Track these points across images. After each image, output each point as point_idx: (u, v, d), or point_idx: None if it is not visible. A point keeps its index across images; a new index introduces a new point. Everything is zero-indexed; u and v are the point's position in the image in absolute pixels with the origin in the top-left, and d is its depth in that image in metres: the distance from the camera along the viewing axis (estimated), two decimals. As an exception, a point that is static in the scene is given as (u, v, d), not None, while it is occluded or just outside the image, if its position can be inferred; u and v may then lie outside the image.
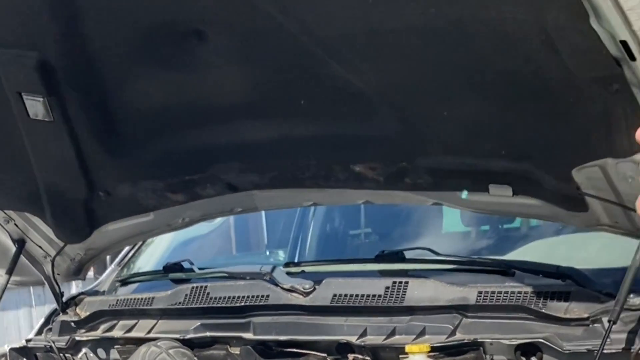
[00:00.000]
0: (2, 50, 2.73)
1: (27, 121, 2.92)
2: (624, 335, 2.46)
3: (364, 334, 2.83)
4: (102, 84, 2.81)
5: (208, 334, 3.12)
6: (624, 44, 2.03)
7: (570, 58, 2.17)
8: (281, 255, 4.73)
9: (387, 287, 2.87)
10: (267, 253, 4.86)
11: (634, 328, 2.48)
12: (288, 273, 3.19)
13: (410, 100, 2.53)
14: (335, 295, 2.95)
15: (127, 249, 3.86)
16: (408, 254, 3.10)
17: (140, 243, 3.85)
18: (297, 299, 3.01)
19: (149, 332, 3.25)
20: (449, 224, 3.75)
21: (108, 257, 3.90)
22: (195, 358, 2.99)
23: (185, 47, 2.60)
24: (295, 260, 3.85)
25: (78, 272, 3.63)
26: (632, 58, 2.05)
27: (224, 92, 2.72)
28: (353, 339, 2.83)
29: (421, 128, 2.60)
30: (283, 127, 2.78)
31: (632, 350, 2.42)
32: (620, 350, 2.45)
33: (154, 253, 3.95)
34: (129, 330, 3.32)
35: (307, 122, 2.73)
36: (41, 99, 2.84)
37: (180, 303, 3.25)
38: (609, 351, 2.41)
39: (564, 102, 2.32)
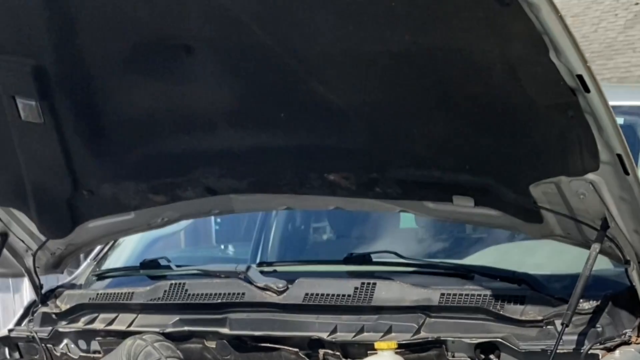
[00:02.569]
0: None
1: (18, 122, 3.06)
2: (575, 337, 2.66)
3: (334, 330, 2.97)
4: (93, 90, 2.97)
5: (186, 328, 3.24)
6: (580, 77, 2.25)
7: (530, 86, 2.38)
8: (230, 250, 4.90)
9: (356, 288, 3.03)
10: (222, 247, 5.03)
11: (583, 330, 2.67)
12: (262, 272, 3.33)
13: (383, 117, 2.71)
14: (307, 294, 3.09)
15: (101, 244, 4.00)
16: (374, 257, 3.26)
17: (114, 239, 3.99)
18: (271, 297, 3.15)
19: (130, 325, 3.36)
20: (405, 226, 3.95)
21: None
22: (178, 352, 3.12)
23: (174, 60, 2.76)
24: (258, 259, 4.04)
25: (57, 265, 3.74)
26: (587, 90, 2.27)
27: (208, 102, 2.89)
28: (324, 336, 2.97)
29: (392, 142, 2.78)
30: (262, 137, 2.94)
31: (582, 351, 2.61)
32: (571, 351, 2.64)
33: (125, 249, 4.10)
34: (110, 323, 3.43)
35: (286, 133, 2.89)
36: (33, 103, 2.99)
37: (159, 298, 3.37)
38: (561, 351, 2.60)
39: (524, 124, 2.52)
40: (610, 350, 2.62)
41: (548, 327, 2.74)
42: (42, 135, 3.09)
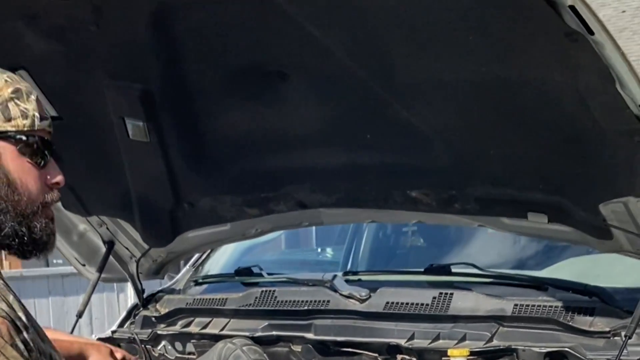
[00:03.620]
0: (112, 81, 3.13)
1: (126, 141, 3.31)
2: (639, 348, 2.78)
3: (411, 337, 3.11)
4: (195, 112, 3.20)
5: (274, 333, 3.42)
6: (643, 107, 2.42)
7: (598, 113, 2.52)
8: (329, 253, 5.08)
9: (434, 297, 3.18)
10: (319, 250, 5.23)
11: None
12: (346, 281, 3.52)
13: (462, 140, 2.88)
14: (388, 302, 3.25)
15: (199, 252, 4.23)
16: (453, 268, 3.42)
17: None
18: (354, 305, 3.32)
19: (222, 329, 3.56)
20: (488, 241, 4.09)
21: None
22: (265, 355, 3.30)
23: (269, 85, 2.97)
24: (349, 266, 4.24)
25: (158, 272, 4.01)
26: (653, 118, 2.44)
27: (300, 123, 3.09)
28: (402, 342, 3.10)
29: (471, 163, 2.94)
30: (350, 156, 3.14)
31: None
32: None
33: (223, 255, 4.34)
34: (205, 327, 3.62)
35: (371, 153, 3.08)
36: (141, 123, 3.24)
37: (250, 305, 3.58)
38: None
39: (593, 148, 2.66)
40: None
41: (615, 338, 2.84)
42: (148, 153, 3.33)
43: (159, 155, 3.35)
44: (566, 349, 2.86)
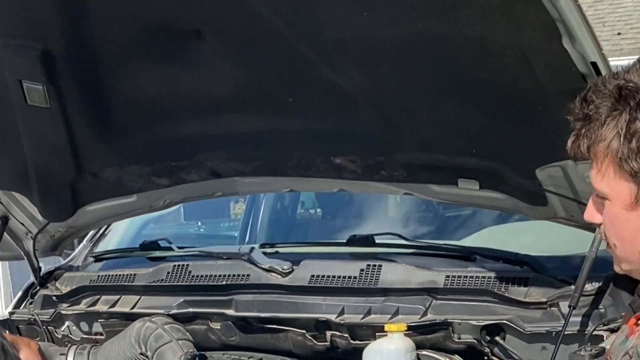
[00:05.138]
0: (8, 39, 2.85)
1: (23, 106, 3.04)
2: (579, 319, 2.70)
3: (341, 312, 3.00)
4: (100, 75, 2.95)
5: (191, 309, 3.26)
6: (594, 64, 2.28)
7: (541, 72, 2.39)
8: (202, 228, 4.85)
9: (362, 270, 3.05)
10: (198, 223, 5.03)
11: (587, 312, 2.72)
12: (264, 253, 3.34)
13: (393, 103, 2.72)
14: (313, 275, 3.11)
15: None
16: (377, 239, 3.30)
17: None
18: (277, 279, 3.16)
19: (133, 307, 3.38)
20: (393, 209, 4.00)
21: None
22: (188, 334, 3.13)
23: (183, 45, 2.75)
24: (247, 240, 4.06)
25: (55, 248, 3.75)
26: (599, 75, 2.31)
27: (216, 86, 2.88)
28: (332, 317, 2.99)
29: (401, 127, 2.80)
30: (270, 121, 2.95)
31: (586, 332, 2.64)
32: (576, 332, 2.68)
33: (119, 230, 4.11)
34: (113, 305, 3.43)
35: (293, 118, 2.91)
36: (40, 87, 2.97)
37: (162, 280, 3.38)
38: (566, 333, 2.63)
39: (533, 109, 2.54)
40: (613, 331, 2.63)
41: (552, 308, 2.77)
42: (48, 119, 3.08)
43: (59, 122, 3.10)
44: (504, 321, 2.79)
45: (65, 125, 3.11)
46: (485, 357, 2.88)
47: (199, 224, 5.55)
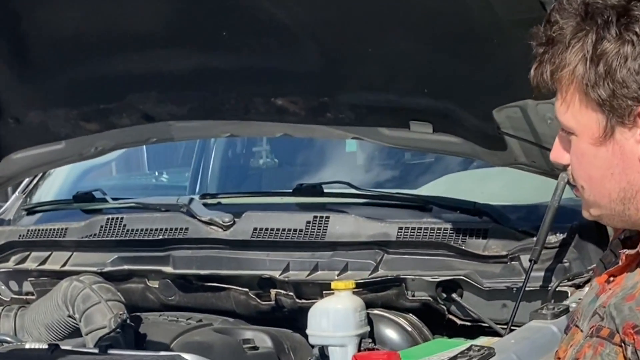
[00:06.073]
0: None
1: None
2: (541, 274, 2.54)
3: (286, 269, 2.85)
4: (14, 8, 2.69)
5: (126, 267, 3.09)
6: (554, -13, 2.04)
7: (495, 1, 2.18)
8: (164, 178, 4.68)
9: (308, 222, 2.89)
10: (155, 174, 4.81)
11: (550, 266, 2.55)
12: (205, 205, 3.15)
13: (335, 36, 2.51)
14: (255, 229, 2.94)
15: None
16: (326, 188, 3.10)
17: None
18: (217, 233, 2.99)
19: (64, 264, 3.20)
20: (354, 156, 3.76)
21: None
22: (119, 294, 2.95)
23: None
24: (197, 190, 3.83)
25: (-18, 200, 3.56)
26: (559, 0, 2.07)
27: (142, 20, 2.66)
28: (276, 274, 2.84)
29: (344, 64, 2.60)
30: (203, 58, 2.73)
31: (549, 288, 2.48)
32: (538, 288, 2.52)
33: (56, 180, 3.87)
34: (43, 263, 3.25)
35: (228, 54, 2.69)
36: (-52, 22, 2.74)
37: (95, 235, 3.20)
38: (528, 289, 2.47)
39: (487, 44, 2.33)
40: (579, 287, 2.48)
41: (513, 262, 2.62)
42: (-43, 58, 2.84)
43: None
44: (460, 277, 2.65)
45: (-21, 63, 2.87)
46: (442, 316, 2.72)
47: (163, 173, 5.30)
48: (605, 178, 1.53)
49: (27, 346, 2.55)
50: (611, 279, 1.59)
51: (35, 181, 3.73)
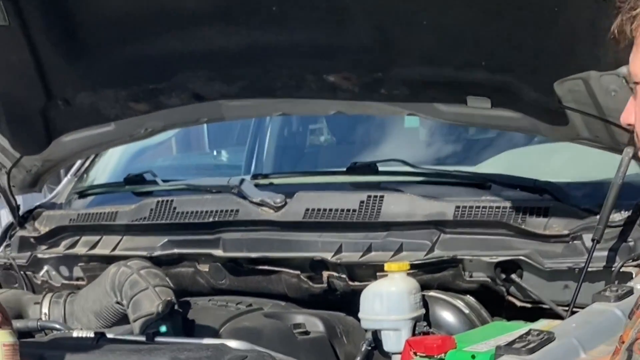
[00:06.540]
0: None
1: (-20, 26, 2.78)
2: (605, 253, 2.45)
3: (339, 250, 2.78)
4: (61, -13, 2.67)
5: (176, 250, 3.04)
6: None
7: None
8: (224, 156, 4.61)
9: (362, 202, 2.81)
10: (214, 153, 4.75)
11: (614, 245, 2.46)
12: (256, 185, 3.09)
13: (388, 8, 2.43)
14: (307, 209, 2.87)
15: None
16: (380, 166, 3.02)
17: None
18: (268, 214, 2.93)
19: (114, 249, 3.15)
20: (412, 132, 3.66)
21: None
22: (166, 279, 2.89)
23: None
24: (252, 169, 3.76)
25: (34, 184, 3.48)
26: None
27: None
28: (328, 256, 2.77)
29: (398, 37, 2.51)
30: (253, 35, 2.66)
31: (613, 269, 2.39)
32: (601, 269, 2.43)
33: (109, 162, 3.82)
34: (93, 247, 3.21)
35: (279, 29, 2.61)
36: (-3, 2, 2.71)
37: (145, 218, 3.15)
38: (591, 269, 2.39)
39: (548, 12, 2.24)
40: None
41: (575, 242, 2.53)
42: (8, 40, 2.81)
43: (22, 42, 2.82)
44: (520, 257, 2.56)
45: (28, 45, 2.84)
46: (501, 297, 2.64)
47: (222, 152, 5.23)
48: None
49: (74, 334, 2.52)
50: None
51: (87, 163, 3.68)
